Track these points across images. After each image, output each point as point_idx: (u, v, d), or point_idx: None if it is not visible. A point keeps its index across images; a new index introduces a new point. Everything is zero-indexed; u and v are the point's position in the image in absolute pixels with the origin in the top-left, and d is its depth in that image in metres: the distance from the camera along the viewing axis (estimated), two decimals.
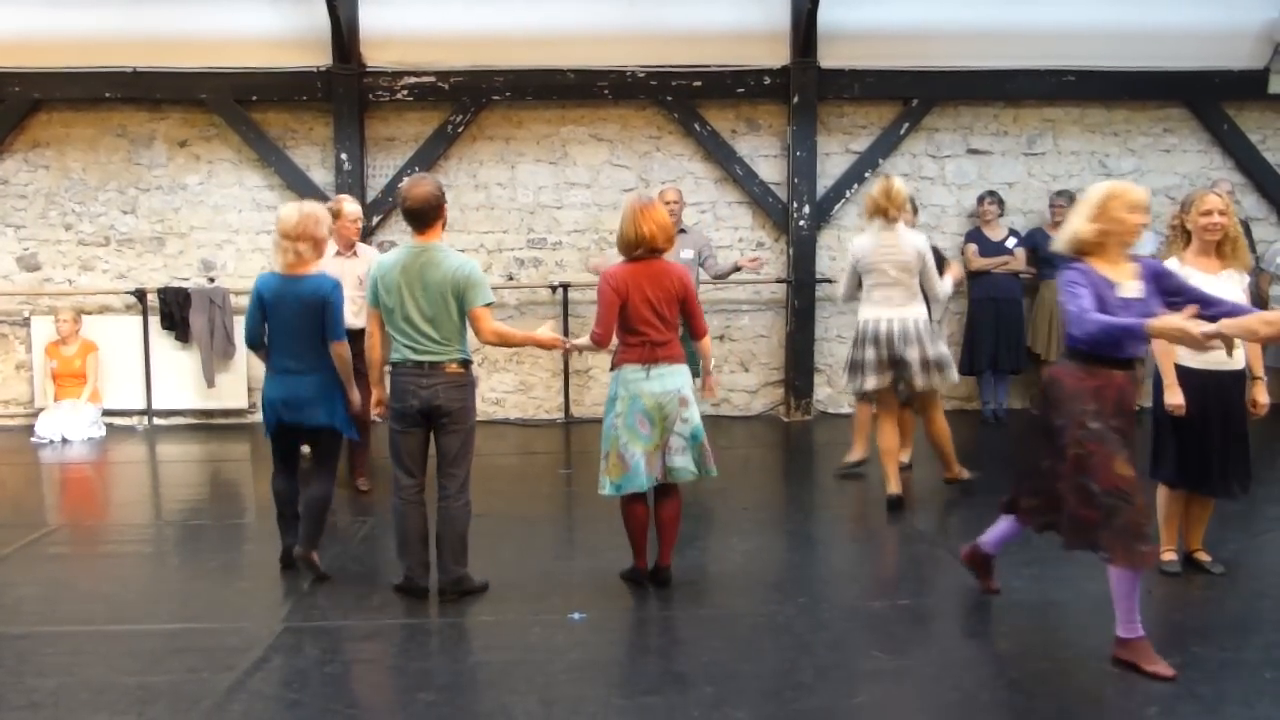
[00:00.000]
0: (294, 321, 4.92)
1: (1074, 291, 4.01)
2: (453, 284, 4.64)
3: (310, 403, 4.98)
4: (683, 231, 7.59)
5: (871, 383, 6.26)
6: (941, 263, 6.75)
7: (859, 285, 6.43)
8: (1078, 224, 4.16)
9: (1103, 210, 4.11)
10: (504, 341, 4.91)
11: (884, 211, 6.26)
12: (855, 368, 6.34)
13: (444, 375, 4.68)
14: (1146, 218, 4.19)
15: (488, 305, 4.71)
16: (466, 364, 4.75)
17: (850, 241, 6.82)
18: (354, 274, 6.46)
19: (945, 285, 6.45)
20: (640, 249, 4.78)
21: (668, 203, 8.04)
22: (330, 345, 4.96)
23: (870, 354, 6.24)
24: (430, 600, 4.82)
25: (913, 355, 6.20)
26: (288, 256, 4.92)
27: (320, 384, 4.99)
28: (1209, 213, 4.79)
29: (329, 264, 5.73)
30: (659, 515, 4.94)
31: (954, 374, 6.41)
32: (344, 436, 5.19)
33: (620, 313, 4.78)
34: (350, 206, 6.76)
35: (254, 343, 5.10)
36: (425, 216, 4.70)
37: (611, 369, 4.91)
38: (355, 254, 6.77)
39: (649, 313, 4.75)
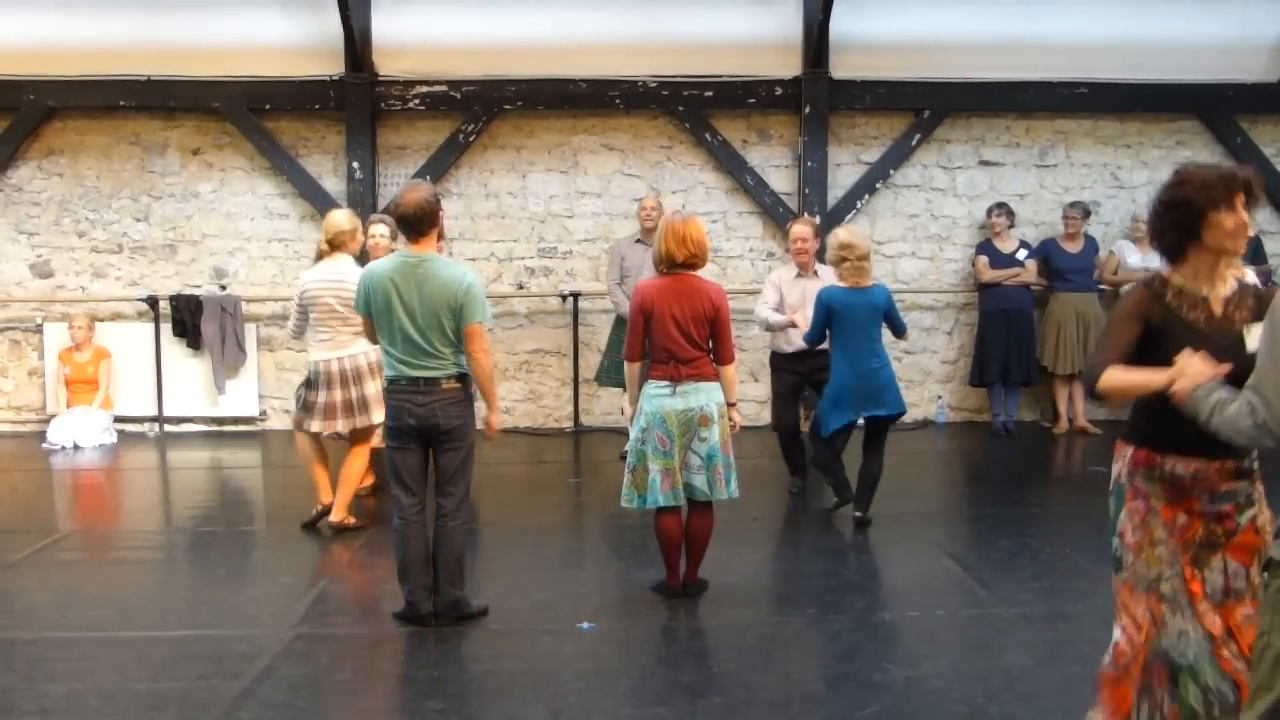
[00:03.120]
0: (864, 325, 5.92)
1: None
2: (451, 296, 4.47)
3: (891, 390, 6.02)
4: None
5: (342, 425, 5.99)
6: None
7: (307, 321, 6.06)
8: None
9: None
10: (481, 370, 4.60)
11: (328, 244, 6.00)
12: (315, 409, 6.00)
13: (440, 392, 4.51)
14: None
15: (481, 322, 4.57)
16: (464, 378, 4.60)
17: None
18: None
19: None
20: (663, 264, 4.81)
21: (646, 209, 8.08)
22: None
23: (330, 396, 5.94)
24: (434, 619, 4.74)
25: (352, 395, 5.96)
26: (859, 276, 5.93)
27: (892, 373, 6.08)
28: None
29: (792, 285, 6.69)
30: (688, 530, 4.93)
31: (377, 416, 5.93)
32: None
33: (646, 328, 4.79)
34: (803, 228, 6.87)
35: (813, 341, 6.16)
36: (419, 224, 4.52)
37: (641, 383, 4.90)
38: (816, 274, 6.75)
39: (675, 330, 4.73)
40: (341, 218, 6.13)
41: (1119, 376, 2.94)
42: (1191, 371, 2.75)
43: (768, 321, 6.68)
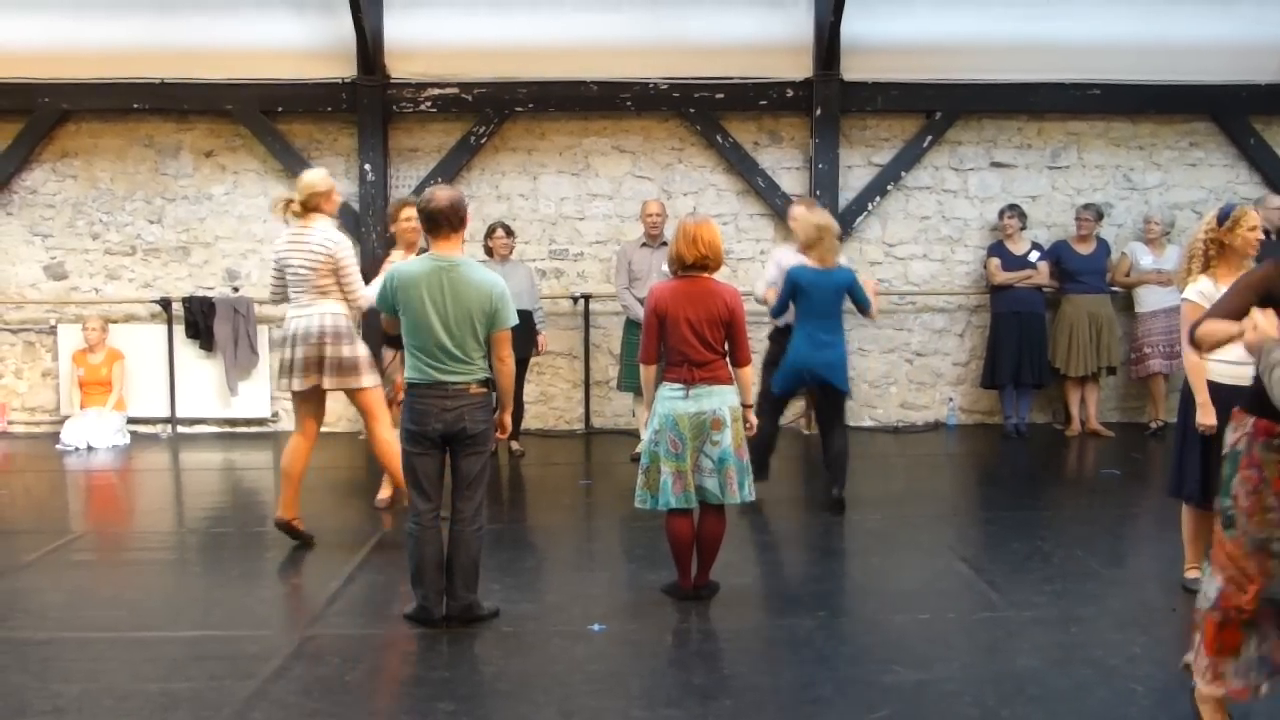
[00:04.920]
0: (827, 303, 6.33)
1: None
2: (486, 301, 4.49)
3: (838, 366, 6.39)
4: (664, 244, 7.62)
5: (297, 384, 5.78)
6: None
7: (285, 285, 5.89)
8: None
9: None
10: (508, 373, 4.65)
11: (289, 205, 5.78)
12: (282, 368, 5.88)
13: (469, 397, 4.50)
14: None
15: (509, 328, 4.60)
16: (487, 383, 4.60)
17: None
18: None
19: (368, 291, 5.77)
20: (678, 266, 4.82)
21: (650, 214, 8.09)
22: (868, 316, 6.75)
23: (288, 353, 5.79)
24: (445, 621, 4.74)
25: (314, 355, 5.73)
26: (828, 256, 6.34)
27: (844, 353, 6.48)
28: (1256, 228, 4.76)
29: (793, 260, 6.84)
30: (700, 533, 4.92)
31: (366, 379, 5.83)
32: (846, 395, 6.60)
33: (660, 330, 4.80)
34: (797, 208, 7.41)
35: (778, 314, 6.69)
36: (447, 223, 4.52)
37: (657, 385, 4.91)
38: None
39: (688, 332, 4.74)
40: (315, 177, 5.85)
41: (1208, 326, 3.40)
42: (1261, 325, 3.10)
43: (756, 295, 7.29)
